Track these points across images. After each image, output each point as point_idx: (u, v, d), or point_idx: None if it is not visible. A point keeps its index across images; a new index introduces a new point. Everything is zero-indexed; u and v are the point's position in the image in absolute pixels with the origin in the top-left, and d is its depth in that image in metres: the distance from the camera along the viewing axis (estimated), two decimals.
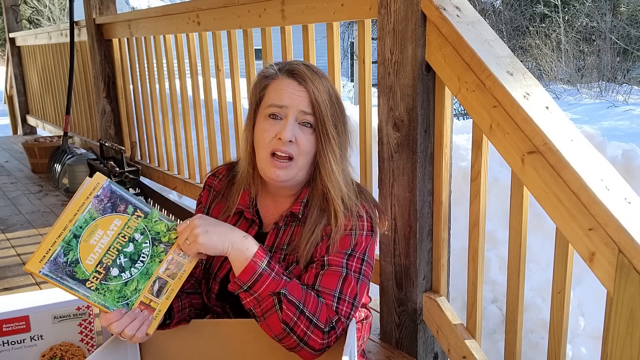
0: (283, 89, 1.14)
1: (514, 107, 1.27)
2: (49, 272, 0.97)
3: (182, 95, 3.02)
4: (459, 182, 2.56)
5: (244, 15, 2.29)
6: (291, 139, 1.12)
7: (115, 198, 1.03)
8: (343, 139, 1.18)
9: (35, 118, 5.89)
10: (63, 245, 0.98)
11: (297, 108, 1.13)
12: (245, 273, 1.02)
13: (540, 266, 2.53)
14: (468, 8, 1.49)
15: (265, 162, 1.14)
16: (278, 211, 1.23)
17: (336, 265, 1.11)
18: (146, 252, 1.04)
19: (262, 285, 1.02)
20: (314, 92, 1.13)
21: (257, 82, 1.19)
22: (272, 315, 1.03)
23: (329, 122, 1.13)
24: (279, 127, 1.13)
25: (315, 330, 1.03)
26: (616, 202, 1.11)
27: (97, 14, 3.61)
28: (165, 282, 1.05)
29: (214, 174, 1.34)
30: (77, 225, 0.99)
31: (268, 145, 1.13)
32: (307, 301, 1.04)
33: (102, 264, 1.01)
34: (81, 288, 0.99)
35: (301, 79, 1.13)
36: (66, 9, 18.95)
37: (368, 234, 1.16)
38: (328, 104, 1.14)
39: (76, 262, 0.99)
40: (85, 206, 1.00)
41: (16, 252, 2.76)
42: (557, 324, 1.32)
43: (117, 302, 1.02)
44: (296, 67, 1.15)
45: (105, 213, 1.02)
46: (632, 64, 14.85)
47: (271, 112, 1.14)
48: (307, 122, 1.14)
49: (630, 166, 2.65)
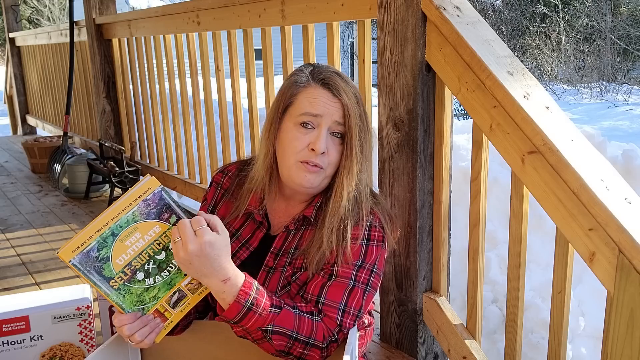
0: (317, 98, 1.12)
1: (514, 107, 1.27)
2: (79, 263, 0.98)
3: (182, 95, 3.02)
4: (459, 182, 2.56)
5: (244, 15, 2.29)
6: (324, 151, 1.11)
7: (162, 206, 1.03)
8: (368, 147, 1.17)
9: (35, 118, 5.89)
10: (99, 241, 0.99)
11: (331, 118, 1.12)
12: (230, 312, 1.00)
13: (540, 266, 2.53)
14: (468, 8, 1.49)
15: (295, 167, 1.13)
16: (289, 215, 1.22)
17: (345, 277, 1.10)
18: (175, 263, 1.04)
19: (250, 321, 1.01)
20: (347, 104, 1.12)
21: (286, 87, 1.17)
22: (265, 344, 1.03)
23: (358, 133, 1.13)
24: (311, 137, 1.11)
25: (312, 349, 1.04)
26: (616, 202, 1.11)
27: (97, 14, 3.61)
28: (184, 295, 1.06)
29: (223, 171, 1.31)
30: (118, 224, 0.99)
31: (298, 154, 1.12)
32: (301, 327, 1.04)
33: (130, 266, 1.01)
34: (104, 285, 1.00)
35: (336, 90, 1.13)
36: (66, 9, 18.95)
37: (379, 245, 1.15)
38: (358, 116, 1.13)
39: (107, 259, 0.99)
40: (131, 207, 1.00)
41: (16, 252, 2.76)
42: (557, 324, 1.32)
43: (134, 306, 1.02)
44: (330, 77, 1.14)
45: (148, 218, 1.02)
46: (633, 64, 14.85)
47: (304, 120, 1.12)
48: (337, 133, 1.13)
49: (630, 166, 2.65)
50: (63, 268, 2.53)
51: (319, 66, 1.19)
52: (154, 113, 3.36)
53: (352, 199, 1.14)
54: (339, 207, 1.13)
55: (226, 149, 2.74)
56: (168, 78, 3.12)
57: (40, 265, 2.58)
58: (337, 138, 1.14)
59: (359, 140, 1.13)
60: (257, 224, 1.22)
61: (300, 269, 1.15)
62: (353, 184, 1.13)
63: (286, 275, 1.15)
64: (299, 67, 1.21)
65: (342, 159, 1.14)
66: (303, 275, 1.14)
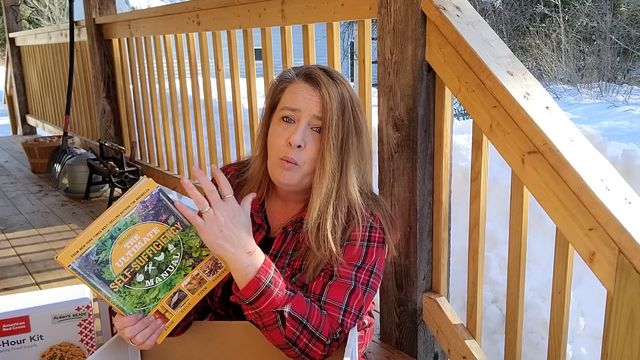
0: (297, 93, 1.12)
1: (514, 107, 1.27)
2: (78, 267, 0.98)
3: (182, 95, 3.02)
4: (459, 182, 2.56)
5: (244, 15, 2.29)
6: (300, 144, 1.10)
7: (160, 207, 1.03)
8: (353, 147, 1.14)
9: (35, 118, 5.89)
10: (98, 244, 0.99)
11: (310, 112, 1.11)
12: (248, 289, 1.00)
13: (540, 266, 2.53)
14: (468, 8, 1.49)
15: (274, 164, 1.13)
16: (287, 216, 1.22)
17: (345, 277, 1.10)
18: (175, 263, 1.04)
19: (265, 302, 1.00)
20: (325, 96, 1.10)
21: (274, 85, 1.18)
22: (275, 330, 1.02)
23: (334, 127, 1.10)
24: (290, 131, 1.11)
25: (317, 343, 1.04)
26: (616, 202, 1.11)
27: (97, 14, 3.61)
28: (185, 296, 1.06)
29: (222, 172, 1.31)
30: (116, 226, 0.99)
31: (279, 151, 1.12)
32: (311, 316, 1.03)
33: (129, 269, 1.01)
34: (104, 288, 1.00)
35: (315, 83, 1.12)
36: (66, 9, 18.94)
37: (379, 247, 1.15)
38: (338, 110, 1.11)
39: (106, 262, 0.99)
40: (129, 209, 1.00)
41: (16, 252, 2.76)
42: (557, 324, 1.32)
43: (135, 308, 1.02)
44: (313, 71, 1.13)
45: (146, 220, 1.02)
46: (632, 64, 14.84)
47: (284, 115, 1.12)
48: (317, 127, 1.12)
49: (630, 166, 2.65)
50: (63, 268, 2.51)
51: (309, 65, 1.19)
52: (154, 113, 3.36)
53: (330, 198, 1.11)
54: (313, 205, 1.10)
55: (226, 149, 2.74)
56: (168, 78, 3.12)
57: (40, 265, 2.58)
58: (317, 133, 1.12)
59: (337, 135, 1.10)
60: (257, 226, 1.22)
61: (300, 271, 1.15)
62: (325, 180, 1.10)
63: (285, 277, 1.15)
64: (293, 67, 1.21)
65: (320, 154, 1.11)
66: (302, 277, 1.14)
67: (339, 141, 1.11)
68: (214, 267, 1.07)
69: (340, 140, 1.11)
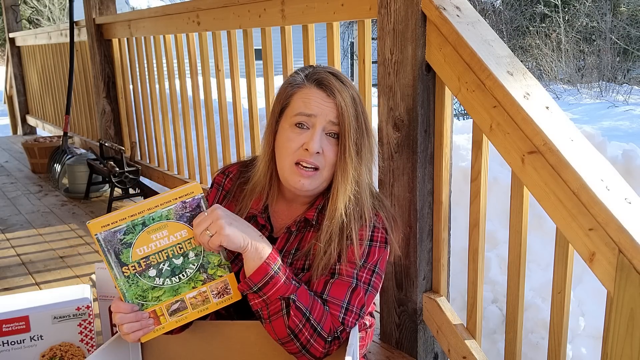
0: (310, 99, 1.12)
1: (514, 107, 1.27)
2: (103, 239, 0.99)
3: (182, 96, 3.02)
4: (459, 182, 2.56)
5: (244, 15, 2.29)
6: (318, 151, 1.11)
7: (197, 212, 1.03)
8: (366, 149, 1.16)
9: (35, 118, 5.89)
10: (129, 225, 1.00)
11: (325, 118, 1.11)
12: (257, 274, 1.01)
13: (540, 266, 2.53)
14: (468, 8, 1.49)
15: (290, 170, 1.13)
16: (291, 216, 1.22)
17: (347, 276, 1.10)
18: (189, 272, 1.05)
19: (273, 288, 1.02)
20: (341, 103, 1.11)
21: (283, 89, 1.18)
22: (279, 319, 1.03)
23: (353, 133, 1.12)
24: (305, 137, 1.11)
25: (318, 339, 1.04)
26: (616, 202, 1.11)
27: (97, 14, 3.61)
28: (185, 308, 1.06)
29: (224, 172, 1.31)
30: (151, 216, 1.01)
31: (293, 155, 1.12)
32: (314, 309, 1.04)
33: (147, 260, 1.02)
34: (117, 268, 1.01)
35: (330, 91, 1.12)
36: (66, 9, 18.94)
37: (381, 246, 1.16)
38: (354, 116, 1.12)
39: (129, 245, 1.01)
40: (169, 204, 1.02)
41: (16, 252, 2.76)
42: (557, 324, 1.32)
43: (135, 298, 1.03)
44: (324, 77, 1.13)
45: (180, 220, 1.03)
46: (633, 64, 14.83)
47: (298, 121, 1.12)
48: (333, 133, 1.13)
49: (630, 166, 2.65)
50: (63, 268, 2.53)
51: (317, 67, 1.19)
52: (154, 113, 3.36)
53: (351, 202, 1.13)
54: (336, 210, 1.13)
55: (226, 149, 2.74)
56: (168, 78, 3.12)
57: (40, 265, 2.58)
58: (333, 138, 1.13)
59: (354, 140, 1.12)
60: (260, 227, 1.22)
61: (302, 270, 1.16)
62: (349, 185, 1.12)
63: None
64: (298, 69, 1.21)
65: (337, 159, 1.13)
66: (304, 276, 1.15)
67: (356, 145, 1.13)
68: (222, 290, 1.08)
69: (356, 144, 1.13)
